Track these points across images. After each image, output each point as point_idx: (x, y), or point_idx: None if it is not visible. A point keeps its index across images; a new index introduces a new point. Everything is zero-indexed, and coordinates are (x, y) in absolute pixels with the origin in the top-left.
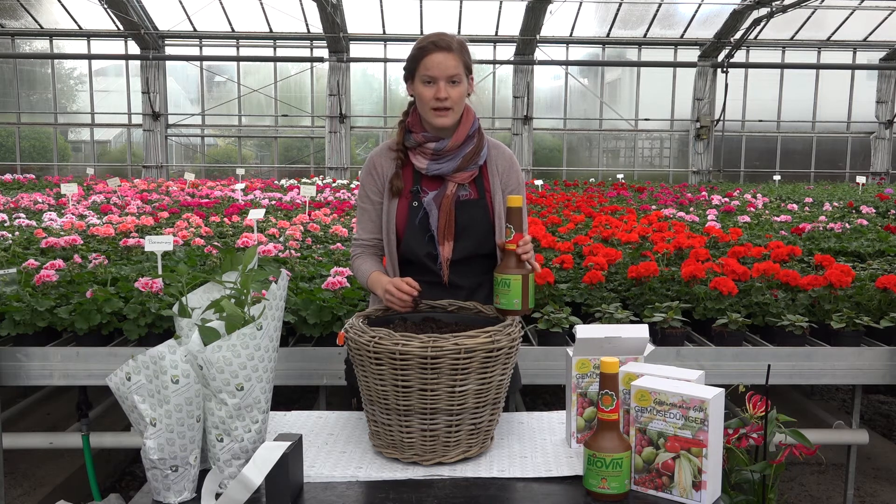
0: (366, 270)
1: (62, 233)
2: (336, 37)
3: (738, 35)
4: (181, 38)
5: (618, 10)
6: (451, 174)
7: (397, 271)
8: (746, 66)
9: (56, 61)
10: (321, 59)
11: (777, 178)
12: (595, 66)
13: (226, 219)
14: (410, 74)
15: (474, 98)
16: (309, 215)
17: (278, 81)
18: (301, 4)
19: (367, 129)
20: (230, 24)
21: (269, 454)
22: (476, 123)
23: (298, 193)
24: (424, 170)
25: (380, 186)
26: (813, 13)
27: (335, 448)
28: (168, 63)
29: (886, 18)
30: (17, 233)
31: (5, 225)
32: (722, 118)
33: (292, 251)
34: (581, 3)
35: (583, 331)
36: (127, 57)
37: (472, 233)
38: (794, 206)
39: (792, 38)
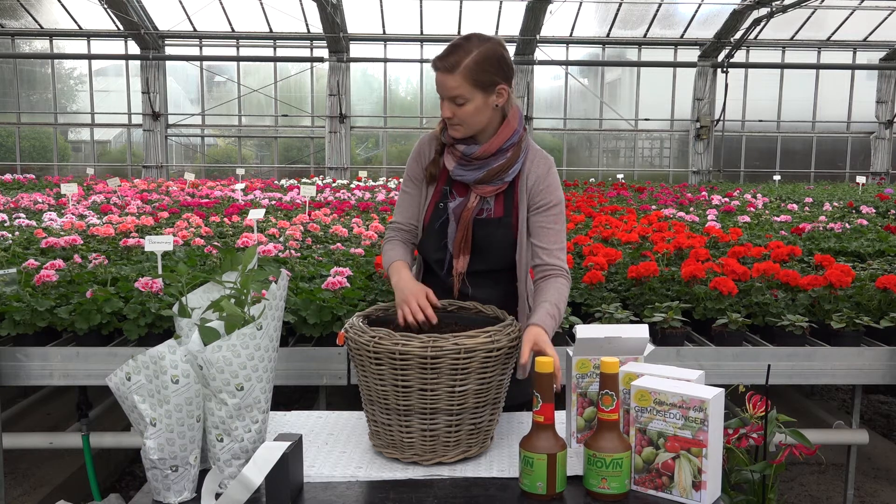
0: (391, 257)
1: (62, 233)
2: (336, 37)
3: (738, 35)
4: (181, 38)
5: (618, 10)
6: (473, 184)
7: (422, 264)
8: (746, 66)
9: (56, 61)
10: (321, 59)
11: (777, 178)
12: (595, 66)
13: (226, 219)
14: None
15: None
16: (309, 215)
17: (278, 81)
18: (301, 4)
19: (367, 129)
20: (230, 24)
21: (269, 454)
22: (515, 137)
23: (298, 193)
24: (451, 172)
25: (420, 176)
26: (813, 13)
27: (335, 448)
28: (168, 63)
29: (886, 18)
30: (17, 233)
31: (5, 225)
32: (722, 118)
33: (292, 251)
34: (581, 3)
35: (583, 331)
36: (127, 57)
37: (489, 251)
38: (794, 206)
39: (792, 38)
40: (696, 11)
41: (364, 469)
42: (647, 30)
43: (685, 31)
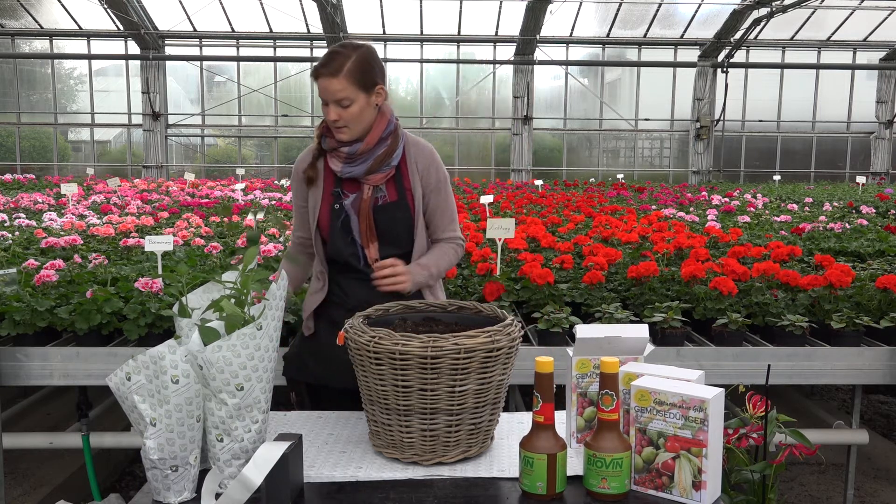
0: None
1: (62, 233)
2: (336, 37)
3: (738, 35)
4: (181, 38)
5: (618, 10)
6: (363, 176)
7: (327, 268)
8: (746, 66)
9: (56, 61)
10: None
11: (777, 178)
12: (595, 66)
13: (226, 219)
14: None
15: (474, 96)
16: None
17: (278, 81)
18: (301, 4)
19: None
20: (230, 24)
21: (269, 454)
22: (390, 126)
23: None
24: (339, 172)
25: (304, 192)
26: (813, 13)
27: (335, 448)
28: (168, 63)
29: (886, 18)
30: (17, 233)
31: (5, 225)
32: (722, 118)
33: None
34: (581, 3)
35: (583, 331)
36: (127, 57)
37: (394, 235)
38: (794, 206)
39: (792, 38)
40: (696, 11)
41: (364, 469)
42: (647, 30)
43: (685, 31)
